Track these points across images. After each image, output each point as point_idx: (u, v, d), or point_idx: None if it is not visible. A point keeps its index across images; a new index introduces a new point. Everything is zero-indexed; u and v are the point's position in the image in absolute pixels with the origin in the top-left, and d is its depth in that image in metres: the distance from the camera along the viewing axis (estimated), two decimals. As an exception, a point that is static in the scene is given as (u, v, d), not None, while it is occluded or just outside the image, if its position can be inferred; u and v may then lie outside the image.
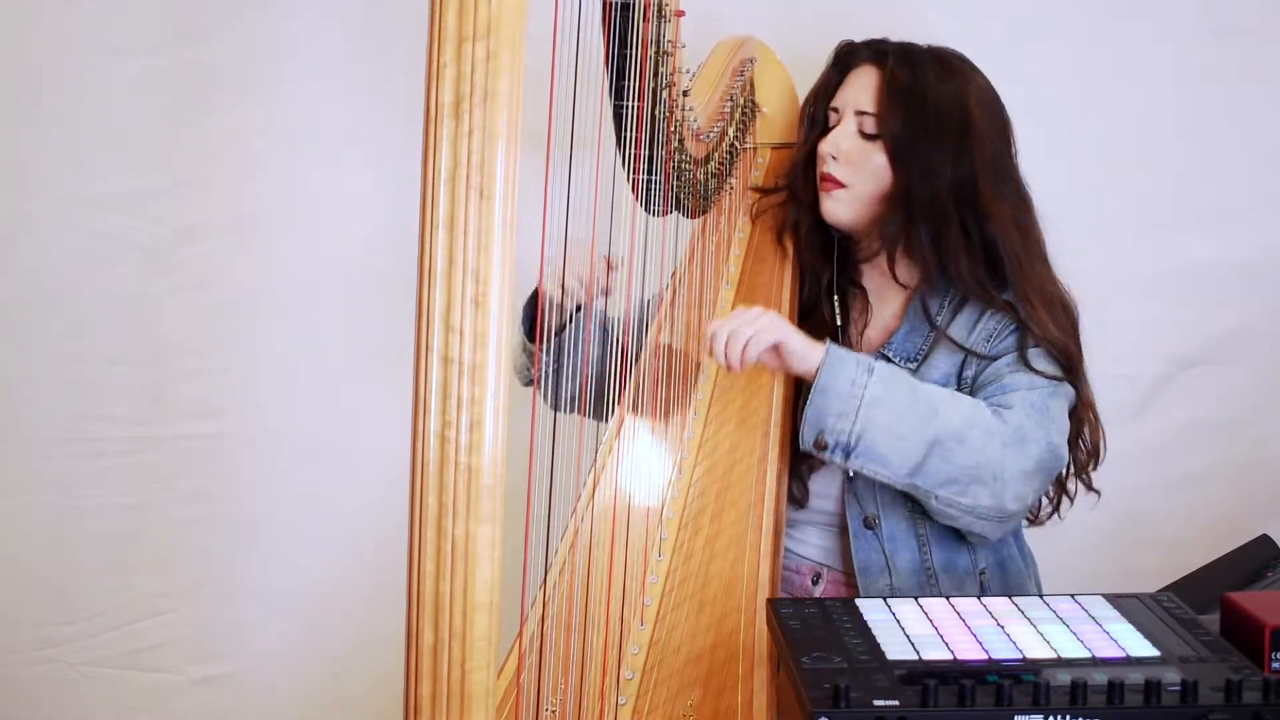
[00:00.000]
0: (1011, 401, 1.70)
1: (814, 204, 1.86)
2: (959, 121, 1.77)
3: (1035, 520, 1.87)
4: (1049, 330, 1.74)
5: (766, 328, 1.65)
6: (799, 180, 1.89)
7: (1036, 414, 1.69)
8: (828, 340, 1.67)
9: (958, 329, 1.78)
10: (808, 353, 1.65)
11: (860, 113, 1.80)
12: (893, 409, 1.62)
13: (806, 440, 1.65)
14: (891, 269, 1.81)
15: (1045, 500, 1.85)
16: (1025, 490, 1.67)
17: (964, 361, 1.76)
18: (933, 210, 1.76)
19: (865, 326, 1.86)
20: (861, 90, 1.81)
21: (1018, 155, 1.84)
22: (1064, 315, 1.78)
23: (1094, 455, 1.82)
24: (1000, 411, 1.68)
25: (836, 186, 1.81)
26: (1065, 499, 1.85)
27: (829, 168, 1.81)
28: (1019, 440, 1.65)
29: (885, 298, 1.87)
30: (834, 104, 1.84)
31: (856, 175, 1.80)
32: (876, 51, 1.83)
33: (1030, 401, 1.70)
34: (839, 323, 1.85)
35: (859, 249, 1.88)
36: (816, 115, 1.88)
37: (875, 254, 1.84)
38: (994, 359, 1.74)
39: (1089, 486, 1.84)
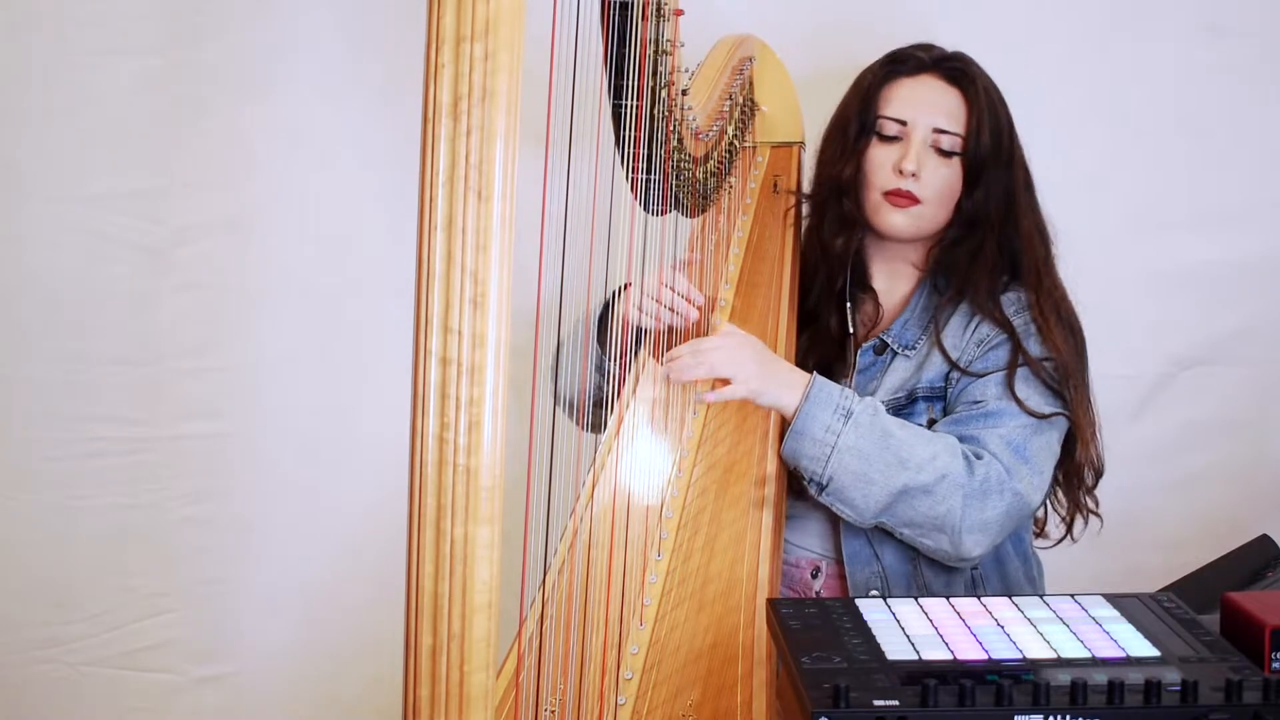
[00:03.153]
0: (989, 441, 1.69)
1: (859, 211, 1.82)
2: (1009, 136, 1.79)
3: (1040, 534, 1.88)
4: (1053, 340, 1.73)
5: (728, 361, 1.65)
6: (849, 186, 1.82)
7: (1011, 455, 1.68)
8: (811, 378, 1.67)
9: (951, 331, 1.78)
10: (780, 396, 1.66)
11: (939, 130, 1.77)
12: (863, 457, 1.64)
13: (787, 464, 1.70)
14: (934, 281, 1.82)
15: (1058, 518, 1.84)
16: (985, 538, 1.67)
17: (950, 372, 1.76)
18: (984, 226, 1.78)
19: (875, 325, 1.86)
20: (933, 105, 1.78)
21: None
22: (1069, 333, 1.77)
23: (1097, 473, 1.81)
24: (971, 461, 1.67)
25: (912, 203, 1.78)
26: (1079, 518, 1.83)
27: (908, 184, 1.77)
28: (982, 494, 1.65)
29: (893, 289, 1.87)
30: (893, 114, 1.79)
31: (932, 192, 1.78)
32: (938, 61, 1.80)
33: (1009, 441, 1.69)
34: (850, 330, 1.85)
35: (871, 248, 1.87)
36: (867, 122, 1.81)
37: (898, 258, 1.84)
38: (982, 375, 1.73)
39: (1093, 511, 1.83)
